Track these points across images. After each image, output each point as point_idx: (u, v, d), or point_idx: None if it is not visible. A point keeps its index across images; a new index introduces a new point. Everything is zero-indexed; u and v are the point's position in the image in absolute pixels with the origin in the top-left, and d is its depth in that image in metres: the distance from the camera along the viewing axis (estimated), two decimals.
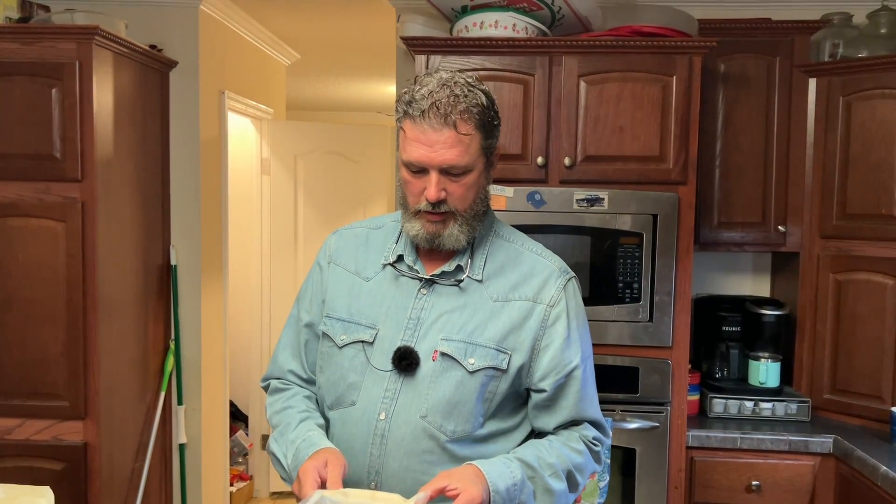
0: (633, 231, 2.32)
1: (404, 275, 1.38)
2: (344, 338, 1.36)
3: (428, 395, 1.30)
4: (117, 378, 2.63)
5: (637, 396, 2.38)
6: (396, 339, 1.33)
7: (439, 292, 1.35)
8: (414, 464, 1.29)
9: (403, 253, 1.38)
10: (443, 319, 1.33)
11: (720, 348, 2.68)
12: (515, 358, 1.33)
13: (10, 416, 2.46)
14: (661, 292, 2.34)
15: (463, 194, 1.31)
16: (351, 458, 1.32)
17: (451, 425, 1.30)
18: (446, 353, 1.31)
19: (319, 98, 6.64)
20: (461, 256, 1.37)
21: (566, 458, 1.35)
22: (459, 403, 1.30)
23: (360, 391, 1.33)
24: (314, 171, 4.24)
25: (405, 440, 1.30)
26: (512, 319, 1.33)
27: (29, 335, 2.44)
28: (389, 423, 1.30)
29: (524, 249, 1.41)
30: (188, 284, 3.09)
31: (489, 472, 1.23)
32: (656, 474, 2.40)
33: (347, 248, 1.44)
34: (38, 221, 2.42)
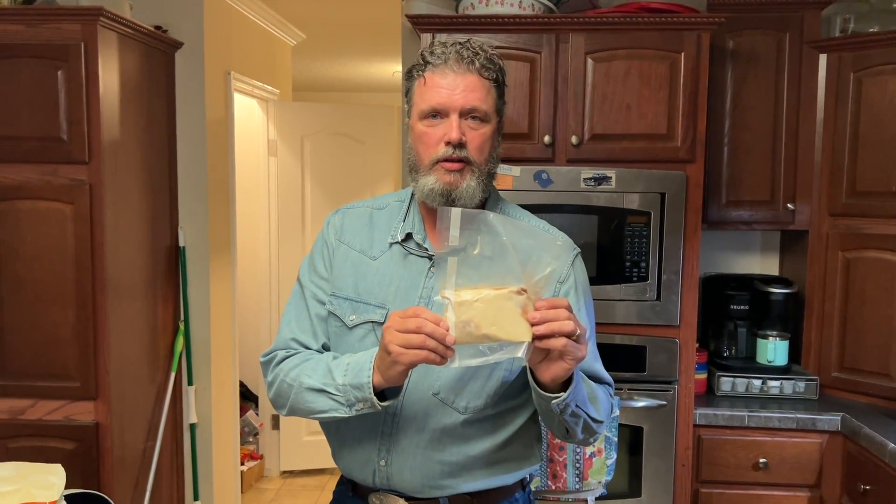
0: (641, 210, 2.32)
1: (413, 253, 1.37)
2: (354, 318, 1.36)
3: (440, 373, 1.30)
4: (127, 359, 2.65)
5: (644, 375, 2.38)
6: None
7: None
8: (425, 441, 1.30)
9: (412, 231, 1.37)
10: None
11: (728, 327, 2.68)
12: None
13: (23, 396, 2.49)
14: (669, 271, 2.33)
15: (481, 144, 1.30)
16: (362, 436, 1.33)
17: (464, 402, 1.31)
18: None
19: (325, 79, 6.62)
20: None
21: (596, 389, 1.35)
22: (472, 381, 1.30)
23: None
24: (321, 153, 4.24)
25: (417, 417, 1.30)
26: None
27: (39, 317, 2.46)
28: (401, 402, 1.30)
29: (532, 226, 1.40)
30: (196, 266, 3.10)
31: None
32: (663, 452, 2.41)
33: (352, 226, 1.43)
34: (46, 204, 2.43)
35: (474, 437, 1.33)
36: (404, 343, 1.12)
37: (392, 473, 1.32)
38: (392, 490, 1.34)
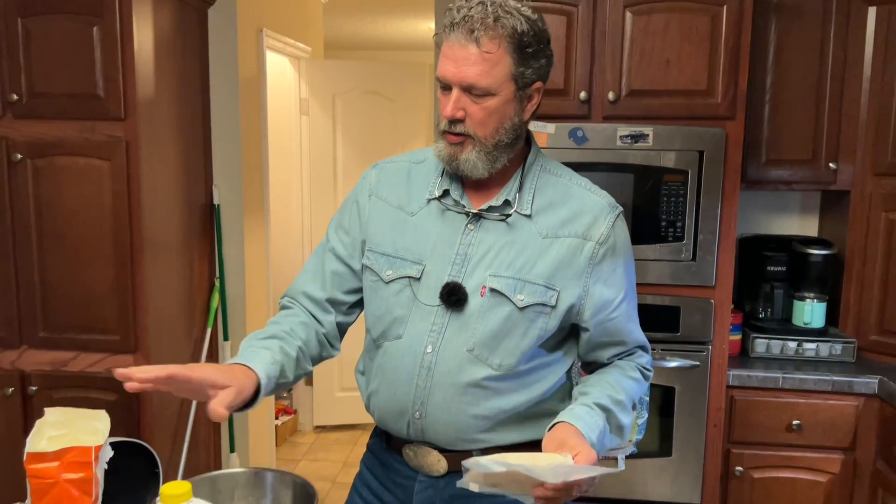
0: (678, 168, 2.27)
1: (450, 209, 1.36)
2: (390, 273, 1.36)
3: (476, 329, 1.30)
4: (165, 314, 2.70)
5: (678, 336, 2.37)
6: (443, 275, 1.32)
7: (487, 228, 1.34)
8: (459, 395, 1.31)
9: (449, 187, 1.36)
10: (491, 255, 1.32)
11: (764, 289, 2.64)
12: (564, 295, 1.32)
13: (66, 349, 2.55)
14: (706, 231, 2.30)
15: (483, 119, 1.27)
16: (397, 388, 1.35)
17: (498, 359, 1.31)
18: (495, 288, 1.30)
19: (357, 37, 6.55)
20: (509, 190, 1.34)
21: (629, 390, 1.37)
22: (507, 338, 1.30)
23: (407, 325, 1.34)
24: (352, 111, 4.22)
25: (451, 372, 1.31)
26: (561, 256, 1.32)
27: (79, 272, 2.51)
28: (436, 357, 1.31)
29: (573, 185, 1.38)
30: (231, 224, 3.13)
31: (583, 428, 1.24)
32: (695, 413, 2.41)
33: (389, 181, 1.43)
34: (84, 160, 2.46)
35: (508, 392, 1.33)
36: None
37: (426, 426, 1.34)
38: (426, 442, 1.36)
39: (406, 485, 1.41)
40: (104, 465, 1.05)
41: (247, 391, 1.19)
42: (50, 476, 0.99)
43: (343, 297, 1.46)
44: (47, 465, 1.00)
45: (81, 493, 1.01)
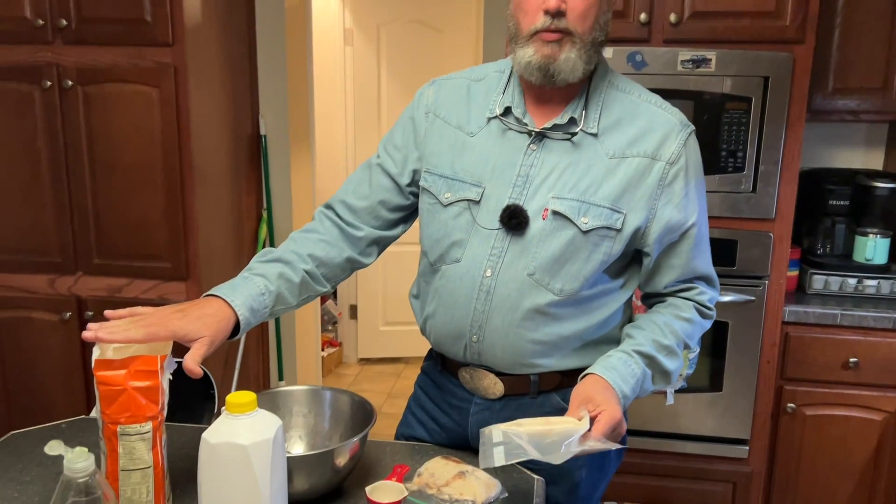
0: (741, 95, 2.18)
1: (512, 128, 1.31)
2: (449, 196, 1.32)
3: (537, 253, 1.27)
4: (215, 243, 2.72)
5: (734, 270, 2.31)
6: (504, 198, 1.28)
7: (550, 148, 1.28)
8: (518, 320, 1.28)
9: (511, 104, 1.31)
10: (554, 176, 1.27)
11: (825, 223, 2.55)
12: (631, 218, 1.27)
13: (119, 275, 2.60)
14: (768, 161, 2.21)
15: (584, 11, 1.20)
16: (455, 312, 1.33)
17: (559, 283, 1.27)
18: (558, 211, 1.25)
19: None
20: (574, 107, 1.28)
21: (679, 332, 1.32)
22: (569, 262, 1.26)
23: (465, 249, 1.31)
24: (397, 42, 4.13)
25: (511, 296, 1.28)
26: (629, 177, 1.26)
27: (132, 199, 2.53)
28: (495, 280, 1.28)
29: (642, 101, 1.31)
30: (278, 155, 3.12)
31: (615, 381, 1.22)
32: (748, 349, 2.36)
33: (448, 99, 1.38)
34: (133, 87, 2.45)
35: (568, 317, 1.30)
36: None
37: (483, 349, 1.32)
38: (482, 365, 1.35)
39: (462, 406, 1.40)
40: (169, 375, 1.06)
41: (222, 334, 1.18)
42: (117, 383, 1.01)
43: (385, 214, 1.42)
44: (115, 372, 1.01)
45: (148, 400, 1.02)
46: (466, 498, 1.21)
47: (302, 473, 1.14)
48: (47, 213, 2.57)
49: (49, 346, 2.65)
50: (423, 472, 1.28)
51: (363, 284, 4.34)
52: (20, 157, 2.54)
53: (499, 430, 1.11)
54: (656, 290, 1.37)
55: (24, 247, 2.60)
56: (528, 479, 1.30)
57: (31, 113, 2.50)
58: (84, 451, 0.85)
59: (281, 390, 1.32)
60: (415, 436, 1.49)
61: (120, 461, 1.02)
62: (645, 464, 2.50)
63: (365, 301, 4.36)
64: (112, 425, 1.01)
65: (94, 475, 0.85)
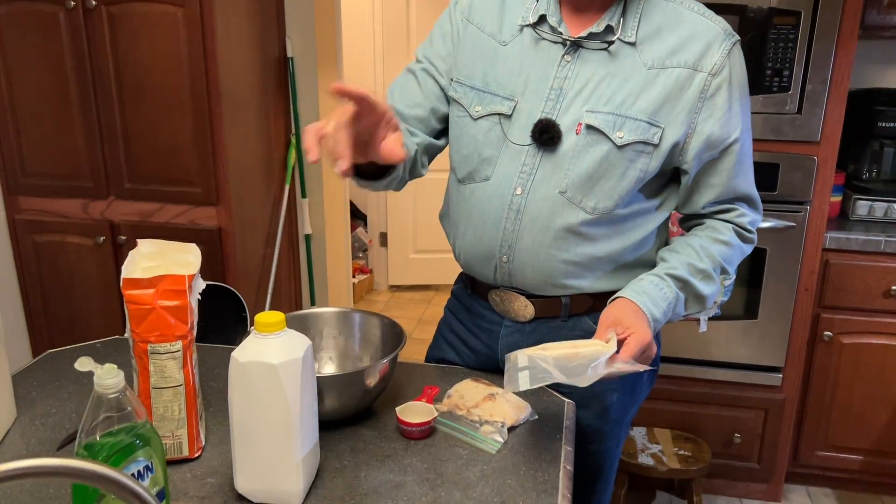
0: (790, 9, 2.06)
1: (546, 38, 1.24)
2: (479, 109, 1.27)
3: (569, 169, 1.22)
4: (244, 168, 2.71)
5: (774, 195, 2.23)
6: (536, 112, 1.23)
7: (585, 59, 1.22)
8: (549, 239, 1.25)
9: (546, 12, 1.24)
10: (588, 89, 1.21)
11: (872, 147, 2.44)
12: (669, 132, 1.21)
13: (151, 200, 2.61)
14: (815, 81, 2.11)
15: None
16: (484, 232, 1.29)
17: (592, 202, 1.23)
18: (592, 125, 1.20)
19: None
20: (611, 15, 1.21)
21: (717, 256, 1.27)
22: (603, 179, 1.22)
23: (496, 166, 1.26)
24: None
25: (542, 215, 1.24)
26: (668, 89, 1.19)
27: (160, 124, 2.51)
28: (526, 199, 1.24)
29: (684, 8, 1.23)
30: (306, 78, 3.06)
31: (645, 304, 1.19)
32: (786, 276, 2.31)
33: (482, 4, 1.30)
34: (158, 6, 2.40)
35: (601, 238, 1.26)
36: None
37: (513, 270, 1.29)
38: (513, 287, 1.32)
39: (492, 329, 1.39)
40: (197, 295, 1.06)
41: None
42: (146, 302, 1.00)
43: (434, 123, 1.36)
44: (143, 291, 1.00)
45: (177, 320, 1.02)
46: (496, 419, 1.20)
47: (332, 393, 1.14)
48: (77, 137, 2.56)
49: (85, 269, 2.69)
50: (453, 394, 1.27)
51: (393, 212, 4.32)
52: (48, 81, 2.52)
53: (524, 355, 1.09)
54: (695, 210, 1.32)
55: (57, 172, 2.61)
56: (559, 402, 1.29)
57: (56, 35, 2.47)
58: (113, 367, 0.85)
59: (311, 312, 1.32)
60: (445, 358, 1.48)
61: (151, 379, 1.02)
62: (677, 390, 2.49)
63: (395, 228, 4.35)
64: (142, 343, 1.01)
65: (124, 391, 0.85)
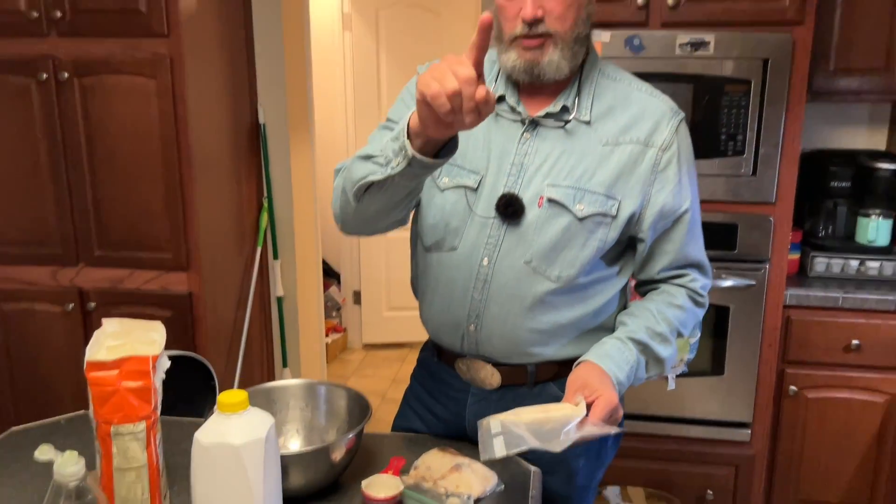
0: (741, 78, 2.15)
1: (506, 117, 1.31)
2: (446, 181, 1.32)
3: (534, 240, 1.27)
4: (216, 232, 2.73)
5: (734, 254, 2.30)
6: (499, 186, 1.28)
7: (544, 136, 1.29)
8: (516, 308, 1.29)
9: (504, 93, 1.30)
10: (548, 164, 1.27)
11: (826, 205, 2.53)
12: (625, 204, 1.27)
13: (121, 266, 2.61)
14: (768, 144, 2.19)
15: (562, 13, 1.20)
16: (452, 301, 1.33)
17: (557, 271, 1.28)
18: (554, 198, 1.26)
19: None
20: (566, 96, 1.28)
21: (673, 320, 1.32)
22: (565, 249, 1.27)
23: (462, 237, 1.31)
24: (396, 26, 4.10)
25: (509, 285, 1.28)
26: (622, 164, 1.26)
27: (131, 191, 2.53)
28: (493, 269, 1.28)
29: (633, 89, 1.31)
30: (277, 143, 3.11)
31: (609, 368, 1.23)
32: (749, 332, 2.36)
33: None
34: (130, 79, 2.44)
35: (565, 305, 1.30)
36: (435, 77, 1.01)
37: (481, 339, 1.32)
38: (479, 355, 1.35)
39: (459, 397, 1.41)
40: (162, 374, 1.07)
41: None
42: (110, 384, 1.01)
43: None
44: (107, 373, 1.01)
45: (141, 400, 1.03)
46: (462, 491, 1.21)
47: (298, 470, 1.14)
48: (48, 204, 2.57)
49: (53, 337, 2.67)
50: (420, 465, 1.28)
51: (366, 269, 4.35)
52: (19, 150, 2.54)
53: (497, 421, 1.11)
54: (650, 276, 1.37)
55: (26, 239, 2.61)
56: (525, 471, 1.31)
57: (28, 106, 2.50)
58: (74, 455, 0.85)
59: (277, 385, 1.33)
60: (412, 427, 1.50)
61: (114, 461, 1.03)
62: (647, 448, 2.51)
63: (369, 286, 4.37)
64: (105, 425, 1.02)
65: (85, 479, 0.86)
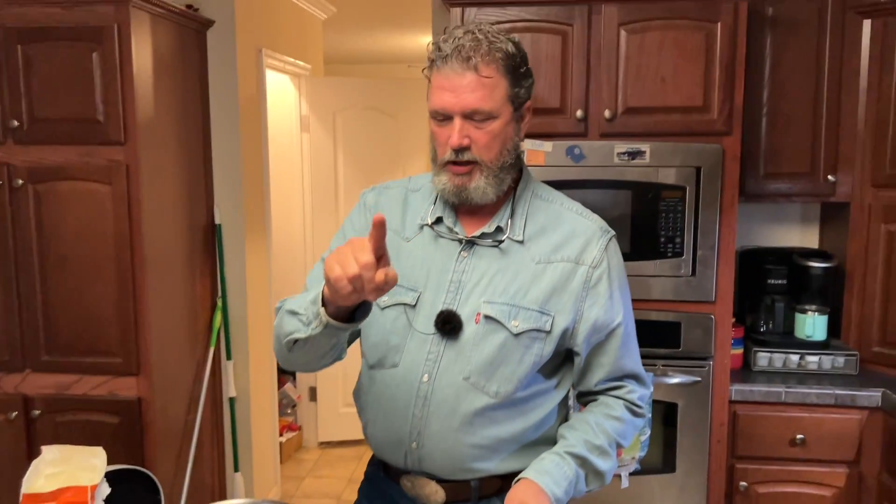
0: (676, 185, 2.28)
1: (444, 236, 1.37)
2: (385, 299, 1.36)
3: (471, 357, 1.30)
4: (168, 335, 2.71)
5: (679, 351, 2.36)
6: (438, 303, 1.33)
7: (480, 254, 1.35)
8: (456, 424, 1.31)
9: (442, 214, 1.37)
10: (484, 282, 1.33)
11: (765, 302, 2.63)
12: (559, 320, 1.32)
13: (69, 371, 2.56)
14: (705, 246, 2.30)
15: (488, 143, 1.28)
16: (394, 418, 1.35)
17: (495, 386, 1.31)
18: (490, 315, 1.31)
19: (357, 52, 6.59)
20: (501, 217, 1.35)
21: (611, 432, 1.36)
22: (503, 365, 1.30)
23: (403, 354, 1.34)
24: (353, 128, 4.24)
25: (448, 401, 1.31)
26: (554, 281, 1.32)
27: (82, 295, 2.52)
28: (432, 385, 1.31)
29: (564, 209, 1.39)
30: (233, 243, 3.14)
31: (547, 485, 1.25)
32: (698, 428, 2.40)
33: (387, 205, 1.43)
34: (84, 185, 2.48)
35: (505, 420, 1.33)
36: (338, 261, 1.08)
37: (423, 456, 1.34)
38: (424, 472, 1.36)
39: None
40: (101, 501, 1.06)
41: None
42: None
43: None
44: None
45: None
46: None
47: None
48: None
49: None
50: None
51: None
52: None
53: None
54: (588, 388, 1.41)
55: None
56: None
57: None
58: None
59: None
60: None
61: None
62: None
63: (325, 382, 4.33)
64: None
65: None
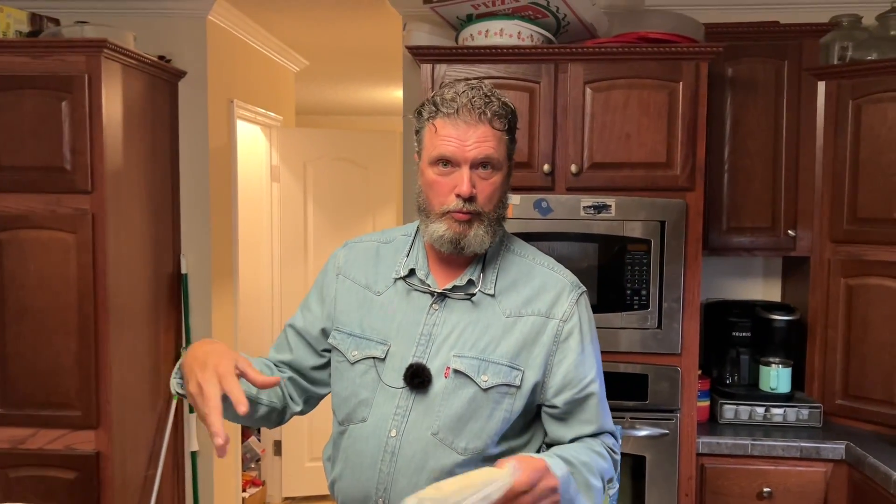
0: (641, 238, 2.32)
1: (416, 289, 1.37)
2: (356, 353, 1.36)
3: (440, 411, 1.29)
4: (129, 387, 2.65)
5: (646, 404, 2.37)
6: (408, 356, 1.32)
7: (451, 307, 1.35)
8: (423, 481, 1.28)
9: (415, 266, 1.38)
10: (455, 335, 1.33)
11: (730, 354, 2.66)
12: (529, 374, 1.32)
13: (24, 425, 2.49)
14: (670, 299, 2.33)
15: (491, 194, 1.31)
16: (361, 473, 1.33)
17: (463, 442, 1.30)
18: (459, 369, 1.30)
19: (328, 103, 6.66)
20: (473, 270, 1.36)
21: (595, 460, 1.34)
22: (472, 420, 1.30)
23: (371, 408, 1.33)
24: (323, 178, 4.25)
25: (416, 457, 1.29)
26: (525, 335, 1.33)
27: (42, 345, 2.47)
28: (400, 441, 1.30)
29: (535, 264, 1.40)
30: (199, 293, 3.10)
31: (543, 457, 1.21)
32: (666, 481, 2.39)
33: (357, 260, 1.44)
34: (49, 233, 2.44)
35: None
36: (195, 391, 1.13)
37: None
38: None
39: None
40: None
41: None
42: None
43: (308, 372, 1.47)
44: None
45: None
46: None
47: None
48: None
49: None
50: None
51: None
52: None
53: (415, 498, 1.07)
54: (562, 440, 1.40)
55: None
56: None
57: None
58: None
59: None
60: None
61: None
62: None
63: (290, 436, 4.24)
64: None
65: None
